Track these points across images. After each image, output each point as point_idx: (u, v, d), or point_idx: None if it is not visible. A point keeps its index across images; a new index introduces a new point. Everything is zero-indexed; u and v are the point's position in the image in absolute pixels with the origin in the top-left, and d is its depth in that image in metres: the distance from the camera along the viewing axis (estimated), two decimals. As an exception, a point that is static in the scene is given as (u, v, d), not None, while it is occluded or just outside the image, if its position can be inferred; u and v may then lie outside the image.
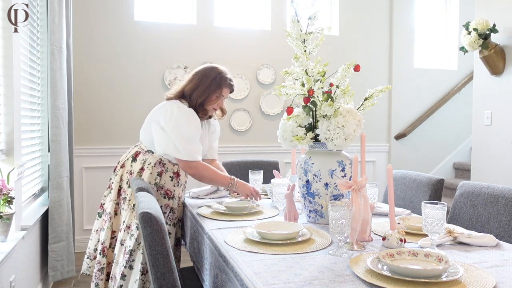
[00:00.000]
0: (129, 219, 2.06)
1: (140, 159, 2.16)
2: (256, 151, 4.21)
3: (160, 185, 2.14)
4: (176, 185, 2.19)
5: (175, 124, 2.08)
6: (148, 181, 2.10)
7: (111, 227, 2.13)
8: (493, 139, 3.46)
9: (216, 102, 2.22)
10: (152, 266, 1.29)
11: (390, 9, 4.63)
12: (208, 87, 2.17)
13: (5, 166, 2.15)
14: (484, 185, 1.98)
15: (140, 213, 1.32)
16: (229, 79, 2.24)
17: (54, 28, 2.78)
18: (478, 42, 3.30)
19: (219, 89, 2.19)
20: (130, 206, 2.08)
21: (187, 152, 2.09)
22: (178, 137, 2.08)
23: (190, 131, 2.10)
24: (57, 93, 2.82)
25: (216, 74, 2.20)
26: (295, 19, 1.83)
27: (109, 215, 2.14)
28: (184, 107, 2.14)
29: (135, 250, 1.99)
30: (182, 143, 2.08)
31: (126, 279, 1.98)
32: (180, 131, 2.08)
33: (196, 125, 2.13)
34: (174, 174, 2.18)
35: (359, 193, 1.50)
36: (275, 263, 1.29)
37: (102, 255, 2.10)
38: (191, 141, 2.10)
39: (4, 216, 1.96)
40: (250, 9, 4.31)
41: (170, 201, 2.16)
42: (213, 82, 2.18)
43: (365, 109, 1.88)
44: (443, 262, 1.21)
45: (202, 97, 2.16)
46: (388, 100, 4.67)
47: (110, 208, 2.14)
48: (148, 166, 2.13)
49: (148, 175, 2.11)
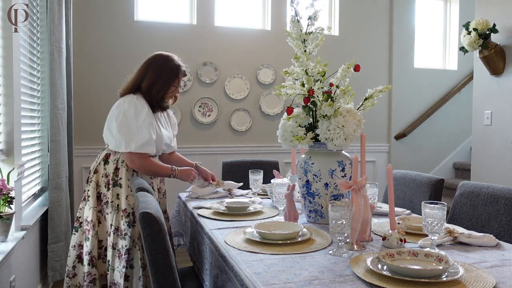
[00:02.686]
0: (116, 221, 2.03)
1: (112, 159, 2.12)
2: (256, 151, 4.21)
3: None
4: (153, 178, 2.20)
5: (122, 117, 2.05)
6: (127, 178, 2.08)
7: (96, 235, 2.07)
8: (493, 139, 3.46)
9: (174, 92, 2.22)
10: (152, 266, 1.29)
11: (390, 9, 4.63)
12: (167, 80, 2.14)
13: (5, 166, 2.15)
14: (484, 185, 1.98)
15: (140, 213, 1.32)
16: (183, 66, 2.23)
17: (54, 28, 2.78)
18: (478, 42, 3.30)
19: (177, 79, 2.18)
20: (114, 207, 2.05)
21: (132, 144, 2.03)
22: (123, 130, 2.04)
23: (136, 123, 2.04)
24: (57, 93, 2.82)
25: (172, 64, 2.17)
26: (295, 19, 1.83)
27: (92, 223, 2.07)
28: (133, 99, 2.09)
29: (131, 248, 1.97)
30: (127, 135, 2.03)
31: (130, 280, 1.97)
32: (126, 123, 2.04)
33: (143, 114, 2.06)
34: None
35: (359, 193, 1.50)
36: (275, 263, 1.29)
37: (91, 266, 2.04)
38: (137, 132, 2.04)
39: (4, 216, 1.96)
40: (250, 9, 4.31)
41: (155, 194, 2.15)
42: (171, 73, 2.14)
43: (365, 109, 1.88)
44: (443, 262, 1.21)
45: (163, 91, 2.14)
46: (388, 100, 4.67)
47: (92, 216, 2.08)
48: (123, 164, 2.10)
49: (125, 173, 2.08)
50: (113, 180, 2.09)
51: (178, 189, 3.03)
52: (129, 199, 2.06)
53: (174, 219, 2.46)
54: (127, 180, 2.08)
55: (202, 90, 4.08)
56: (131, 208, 2.04)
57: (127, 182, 2.07)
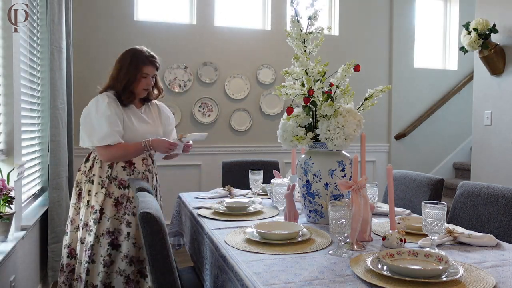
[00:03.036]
0: (85, 216, 2.09)
1: (91, 157, 2.18)
2: (256, 151, 4.21)
3: (112, 176, 2.11)
4: (130, 174, 2.15)
5: (85, 114, 2.11)
6: (99, 176, 2.10)
7: (75, 229, 2.16)
8: (493, 139, 3.46)
9: (143, 82, 2.17)
10: (152, 266, 1.29)
11: (390, 9, 4.63)
12: (127, 70, 2.14)
13: (5, 166, 2.15)
14: (484, 185, 1.98)
15: (140, 213, 1.32)
16: (146, 56, 2.17)
17: (54, 28, 2.78)
18: (478, 42, 3.30)
19: (139, 69, 2.15)
20: (85, 203, 2.11)
21: (94, 138, 2.07)
22: (85, 126, 2.10)
23: (96, 117, 2.07)
24: (57, 93, 2.82)
25: (131, 55, 2.16)
26: (295, 19, 1.83)
27: (71, 218, 2.17)
28: (98, 95, 2.14)
29: (94, 244, 2.02)
30: (89, 131, 2.09)
31: (90, 274, 2.03)
32: (87, 119, 2.10)
33: (102, 108, 2.08)
34: (127, 164, 2.14)
35: (359, 193, 1.50)
36: (275, 263, 1.29)
37: (70, 257, 2.15)
38: (96, 126, 2.07)
39: (4, 216, 1.96)
40: (250, 9, 4.31)
41: (126, 191, 2.10)
42: (130, 64, 2.14)
43: (365, 109, 1.88)
44: (443, 262, 1.21)
45: (124, 81, 2.13)
46: (388, 100, 4.67)
47: (71, 212, 2.18)
48: (97, 161, 2.13)
49: (98, 170, 2.11)
50: (87, 176, 2.14)
51: (178, 189, 3.03)
52: (97, 196, 2.08)
53: (174, 219, 2.46)
54: (99, 177, 2.10)
55: (202, 90, 4.08)
56: (99, 205, 2.06)
57: (98, 179, 2.10)
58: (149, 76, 2.18)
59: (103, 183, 2.09)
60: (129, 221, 2.08)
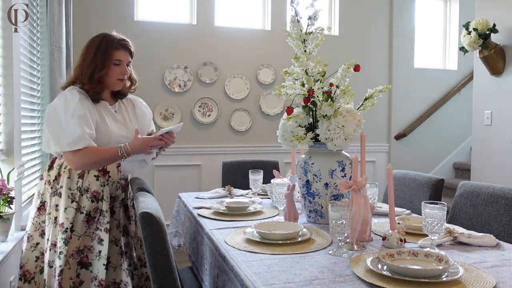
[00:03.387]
0: (52, 235, 1.76)
1: (56, 164, 1.85)
2: (256, 151, 4.21)
3: (84, 188, 1.80)
4: (104, 185, 1.83)
5: (50, 113, 1.79)
6: (68, 187, 1.78)
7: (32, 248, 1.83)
8: (493, 139, 3.46)
9: (115, 71, 1.87)
10: (152, 266, 1.29)
11: (390, 9, 4.63)
12: (95, 56, 1.83)
13: (5, 166, 2.15)
14: (484, 185, 1.98)
15: (140, 213, 1.32)
16: (117, 40, 1.88)
17: (54, 28, 2.78)
18: (478, 42, 3.30)
19: (109, 54, 1.84)
20: (52, 220, 1.78)
21: (63, 142, 1.74)
22: (52, 127, 1.77)
23: (64, 116, 1.75)
24: (56, 93, 2.81)
25: (100, 39, 1.86)
26: (295, 19, 1.83)
27: (28, 235, 1.84)
28: (65, 91, 1.82)
29: (63, 268, 1.71)
30: (56, 132, 1.76)
31: None
32: (54, 119, 1.77)
33: (72, 106, 1.76)
34: (100, 172, 1.83)
35: (359, 193, 1.50)
36: (275, 263, 1.29)
37: (23, 281, 1.80)
38: (66, 127, 1.74)
39: (4, 216, 1.96)
40: (250, 9, 4.31)
41: (100, 203, 1.81)
42: (98, 48, 1.84)
43: (365, 109, 1.88)
44: (443, 262, 1.21)
45: (90, 69, 1.82)
46: (388, 100, 4.67)
47: (30, 227, 1.84)
48: (65, 170, 1.81)
49: (66, 181, 1.79)
50: (54, 188, 1.82)
51: (178, 189, 3.03)
52: (67, 212, 1.75)
53: (174, 219, 2.46)
54: (67, 189, 1.78)
55: (202, 90, 4.08)
56: (70, 222, 1.74)
57: (67, 192, 1.78)
58: (123, 63, 1.88)
59: (73, 196, 1.78)
60: (101, 238, 1.78)
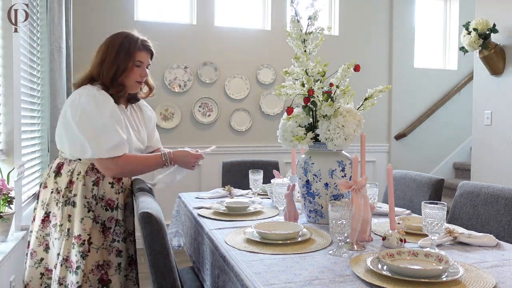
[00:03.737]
0: (64, 249, 1.62)
1: (66, 170, 1.70)
2: (256, 151, 4.21)
3: (99, 196, 1.70)
4: (119, 192, 1.75)
5: (82, 114, 1.63)
6: (84, 196, 1.66)
7: (36, 264, 1.69)
8: (493, 139, 3.46)
9: (136, 72, 1.78)
10: (152, 266, 1.29)
11: (390, 9, 4.63)
12: (117, 55, 1.73)
13: (5, 166, 2.15)
14: (484, 185, 1.98)
15: (140, 213, 1.32)
16: (140, 40, 1.80)
17: (54, 28, 2.78)
18: (478, 42, 3.30)
19: (131, 54, 1.76)
20: (64, 232, 1.64)
21: (102, 147, 1.63)
22: (87, 130, 1.63)
23: (102, 120, 1.64)
24: (56, 93, 2.82)
25: (122, 38, 1.77)
26: (295, 19, 1.83)
27: (31, 250, 1.70)
28: (92, 90, 1.69)
29: (82, 285, 1.59)
30: (93, 137, 1.63)
31: None
32: (89, 121, 1.63)
33: (108, 109, 1.67)
34: (115, 179, 1.75)
35: (359, 193, 1.50)
36: (275, 263, 1.29)
37: None
38: (105, 131, 1.64)
39: (4, 216, 1.96)
40: (250, 9, 4.31)
41: (114, 213, 1.73)
42: (121, 48, 1.74)
43: (365, 109, 1.88)
44: (443, 262, 1.21)
45: (112, 69, 1.72)
46: (388, 100, 4.67)
47: (33, 242, 1.70)
48: (78, 176, 1.68)
49: (81, 188, 1.66)
50: (65, 196, 1.67)
51: (178, 189, 3.03)
52: (84, 222, 1.64)
53: (174, 219, 2.46)
54: (83, 197, 1.65)
55: (202, 90, 4.08)
56: (87, 234, 1.63)
57: (83, 201, 1.65)
58: (143, 65, 1.80)
59: (90, 205, 1.66)
60: (119, 249, 1.71)
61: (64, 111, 1.71)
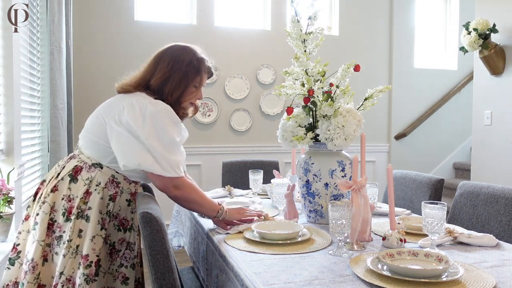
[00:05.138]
0: (69, 268, 1.43)
1: (84, 178, 1.50)
2: (256, 151, 4.21)
3: (113, 213, 1.53)
4: (134, 211, 1.58)
5: (152, 127, 1.48)
6: (99, 211, 1.48)
7: (35, 280, 1.45)
8: (493, 139, 3.46)
9: (195, 94, 1.68)
10: (152, 266, 1.29)
11: (390, 9, 4.63)
12: (185, 75, 1.60)
13: (5, 166, 2.15)
14: (484, 185, 1.98)
15: (140, 213, 1.32)
16: (207, 61, 1.69)
17: (54, 28, 2.78)
18: (478, 42, 3.30)
19: (199, 76, 1.64)
20: (72, 249, 1.44)
21: (170, 165, 1.49)
22: (157, 145, 1.48)
23: (172, 137, 1.52)
24: (56, 93, 2.82)
25: (191, 56, 1.62)
26: (295, 19, 1.83)
27: (33, 263, 1.45)
28: (160, 104, 1.55)
29: None
30: (164, 153, 1.48)
31: None
32: (159, 137, 1.49)
33: (178, 128, 1.59)
34: (131, 196, 1.58)
35: (359, 193, 1.50)
36: (275, 263, 1.29)
37: None
38: (174, 150, 1.53)
39: (4, 216, 1.96)
40: (250, 9, 4.31)
41: (127, 234, 1.56)
42: (190, 68, 1.61)
43: (365, 109, 1.88)
44: (443, 262, 1.21)
45: (179, 91, 1.60)
46: (388, 100, 4.67)
47: (35, 252, 1.45)
48: (97, 188, 1.50)
49: (98, 202, 1.48)
50: (79, 208, 1.47)
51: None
52: (95, 241, 1.45)
53: (174, 219, 2.46)
54: (98, 212, 1.47)
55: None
56: (96, 255, 1.44)
57: (98, 216, 1.47)
58: (200, 87, 1.70)
59: (103, 222, 1.48)
60: (126, 276, 1.53)
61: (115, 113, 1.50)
